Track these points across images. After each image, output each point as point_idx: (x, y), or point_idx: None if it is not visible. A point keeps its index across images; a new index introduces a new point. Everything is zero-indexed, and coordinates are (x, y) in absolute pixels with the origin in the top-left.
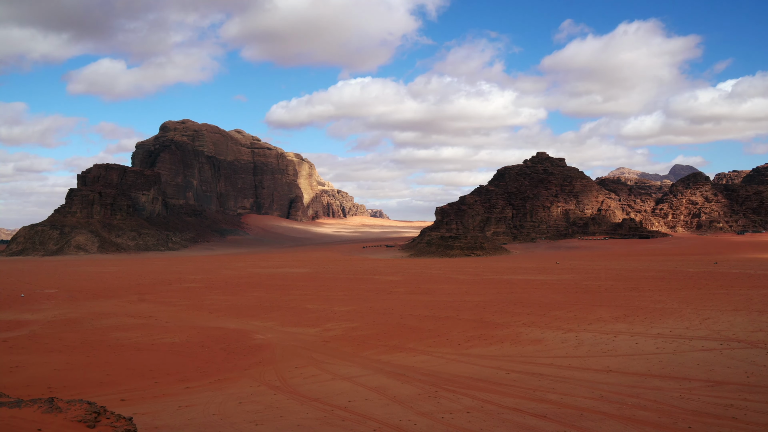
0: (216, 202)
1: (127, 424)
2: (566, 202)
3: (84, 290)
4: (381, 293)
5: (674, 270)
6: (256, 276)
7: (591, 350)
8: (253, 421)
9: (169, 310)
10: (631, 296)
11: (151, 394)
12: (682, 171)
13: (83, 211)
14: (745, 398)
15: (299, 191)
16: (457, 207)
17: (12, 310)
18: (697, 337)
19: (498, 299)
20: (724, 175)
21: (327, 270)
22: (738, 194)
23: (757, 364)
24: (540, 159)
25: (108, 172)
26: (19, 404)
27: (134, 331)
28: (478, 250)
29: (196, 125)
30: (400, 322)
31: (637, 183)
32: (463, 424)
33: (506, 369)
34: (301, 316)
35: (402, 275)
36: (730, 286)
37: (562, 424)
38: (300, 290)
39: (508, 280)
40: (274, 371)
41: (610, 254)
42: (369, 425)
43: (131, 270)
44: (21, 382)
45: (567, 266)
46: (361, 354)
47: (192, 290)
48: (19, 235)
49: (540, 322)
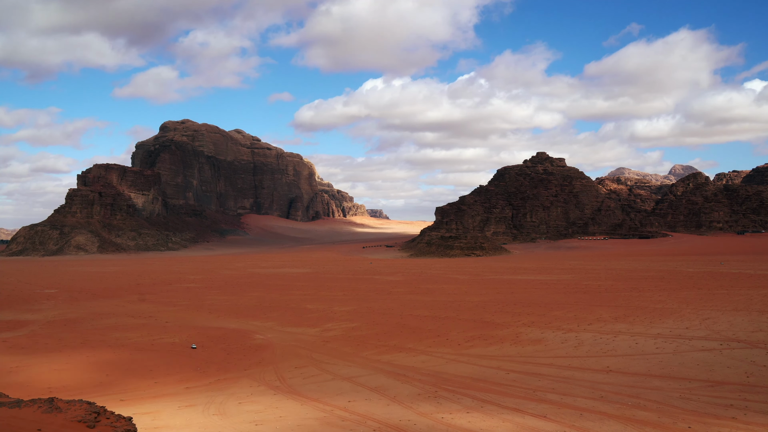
0: (216, 202)
1: (127, 424)
2: (566, 202)
3: (84, 290)
4: (381, 293)
5: (674, 270)
6: (256, 276)
7: (591, 350)
8: (253, 421)
9: (169, 310)
10: (631, 296)
11: (151, 394)
12: (682, 171)
13: (83, 211)
14: (745, 398)
15: (299, 191)
16: (457, 207)
17: (12, 310)
18: (697, 337)
19: (498, 299)
20: (724, 175)
21: (327, 270)
22: (738, 194)
23: (757, 364)
24: (540, 159)
25: (108, 172)
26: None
27: (134, 331)
28: (477, 250)
29: (195, 125)
30: (400, 322)
31: (637, 183)
32: (464, 424)
33: (506, 369)
34: (301, 316)
35: (402, 275)
36: (730, 286)
37: (562, 424)
38: (300, 290)
39: (508, 280)
40: (274, 371)
41: (609, 254)
42: (369, 425)
43: (131, 270)
44: (21, 382)
45: (567, 266)
46: (361, 354)
47: (192, 290)
48: (19, 235)
49: (540, 322)
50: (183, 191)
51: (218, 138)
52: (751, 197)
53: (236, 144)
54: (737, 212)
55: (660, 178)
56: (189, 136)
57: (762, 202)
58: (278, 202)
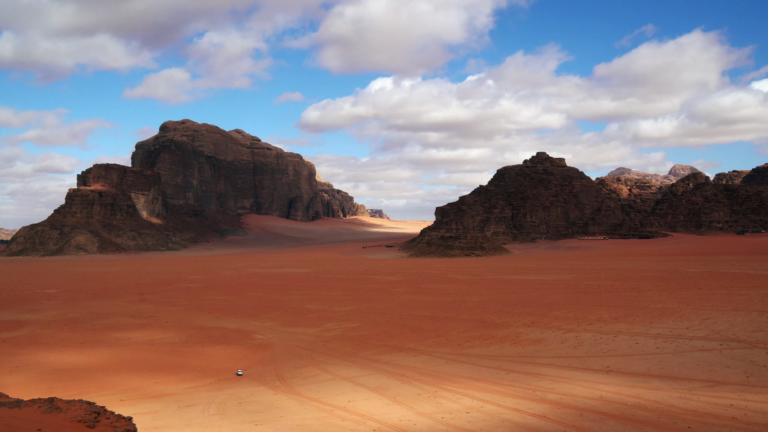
0: (216, 202)
1: (127, 424)
2: (566, 202)
3: (84, 290)
4: (381, 293)
5: (674, 270)
6: (256, 276)
7: (591, 350)
8: (253, 421)
9: (169, 310)
10: (631, 296)
11: (151, 394)
12: (682, 171)
13: (83, 211)
14: (745, 398)
15: (299, 191)
16: (457, 207)
17: (12, 310)
18: (697, 337)
19: (498, 299)
20: (724, 175)
21: (327, 270)
22: (738, 194)
23: (757, 364)
24: (540, 159)
25: (108, 172)
26: (19, 404)
27: (134, 331)
28: (477, 250)
29: (195, 125)
30: (400, 322)
31: (637, 183)
32: (463, 424)
33: (506, 369)
34: (301, 316)
35: (402, 275)
36: (730, 286)
37: (562, 424)
38: (300, 290)
39: (508, 280)
40: (274, 371)
41: (609, 254)
42: (369, 425)
43: (131, 270)
44: (21, 382)
45: (567, 266)
46: (361, 354)
47: (192, 290)
48: (19, 235)
49: (540, 322)
50: (183, 191)
51: (218, 138)
52: (751, 197)
53: (236, 144)
54: (737, 212)
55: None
56: (189, 136)
57: (762, 202)
58: (278, 202)
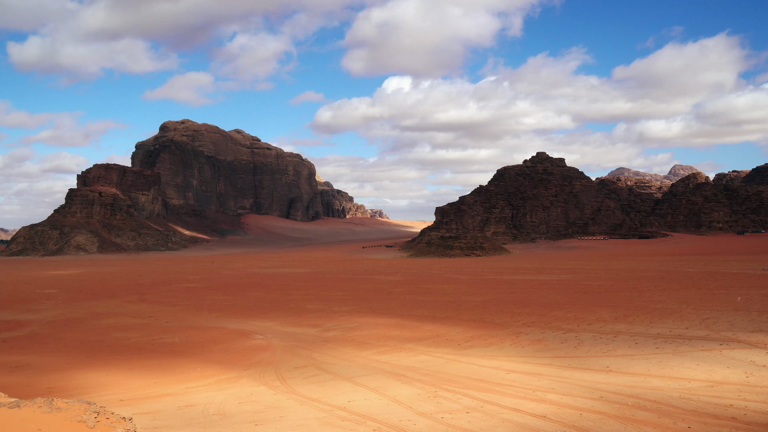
0: (216, 202)
1: (127, 424)
2: (566, 202)
3: (84, 290)
4: (381, 293)
5: (674, 270)
6: (256, 276)
7: (591, 350)
8: (253, 421)
9: (169, 310)
10: (631, 296)
11: (151, 394)
12: (683, 171)
13: (83, 211)
14: (745, 398)
15: (299, 191)
16: (456, 207)
17: (12, 310)
18: (697, 337)
19: (498, 299)
20: (724, 176)
21: (327, 270)
22: (738, 194)
23: (757, 364)
24: (540, 159)
25: (108, 172)
26: (19, 404)
27: (134, 331)
28: (477, 251)
29: (195, 125)
30: (400, 322)
31: (637, 183)
32: (463, 424)
33: (506, 369)
34: (301, 316)
35: (402, 275)
36: (730, 286)
37: (562, 424)
38: (300, 290)
39: (508, 280)
40: (274, 371)
41: (609, 254)
42: (369, 425)
43: (131, 270)
44: (21, 382)
45: (567, 266)
46: (361, 354)
47: (192, 290)
48: (18, 235)
49: (540, 322)
50: (183, 191)
51: (218, 138)
52: (751, 197)
53: (236, 144)
54: (737, 212)
55: (660, 178)
56: (189, 136)
57: (762, 202)
58: (278, 202)
